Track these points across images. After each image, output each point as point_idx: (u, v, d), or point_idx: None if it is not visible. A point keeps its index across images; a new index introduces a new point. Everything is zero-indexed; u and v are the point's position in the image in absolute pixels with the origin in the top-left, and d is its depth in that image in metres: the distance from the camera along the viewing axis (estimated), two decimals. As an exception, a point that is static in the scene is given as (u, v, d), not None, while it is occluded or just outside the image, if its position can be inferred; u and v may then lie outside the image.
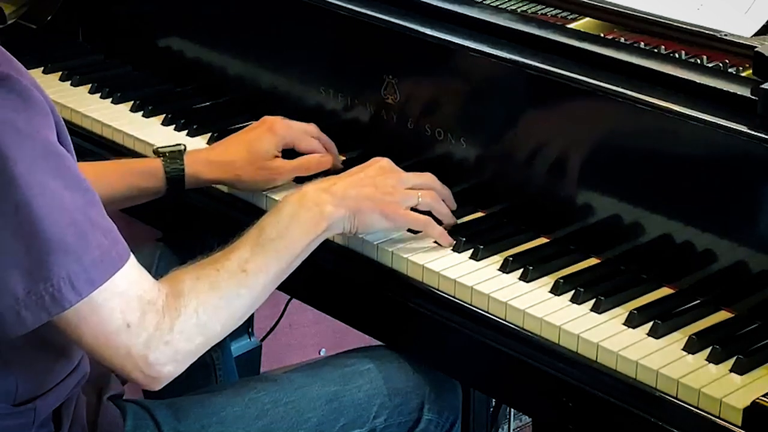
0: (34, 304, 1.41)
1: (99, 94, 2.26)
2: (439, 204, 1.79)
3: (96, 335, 1.47)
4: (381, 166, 1.76)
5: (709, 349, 1.53)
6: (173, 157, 1.89)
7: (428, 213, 1.77)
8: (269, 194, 1.90)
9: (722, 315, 1.62)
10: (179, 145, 1.92)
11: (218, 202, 1.96)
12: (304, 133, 1.94)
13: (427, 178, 1.81)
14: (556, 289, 1.66)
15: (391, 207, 1.73)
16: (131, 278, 1.48)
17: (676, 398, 1.49)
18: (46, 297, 1.42)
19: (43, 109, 1.43)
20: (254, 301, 1.60)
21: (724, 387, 1.47)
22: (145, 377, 1.51)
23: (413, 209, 1.76)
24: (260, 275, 1.59)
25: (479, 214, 1.86)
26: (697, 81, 1.66)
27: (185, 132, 2.11)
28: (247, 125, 2.10)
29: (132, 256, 1.49)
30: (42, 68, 2.34)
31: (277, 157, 1.90)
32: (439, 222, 1.78)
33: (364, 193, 1.71)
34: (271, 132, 1.91)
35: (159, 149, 1.91)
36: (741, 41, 1.72)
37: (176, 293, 1.52)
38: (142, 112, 2.19)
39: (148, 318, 1.48)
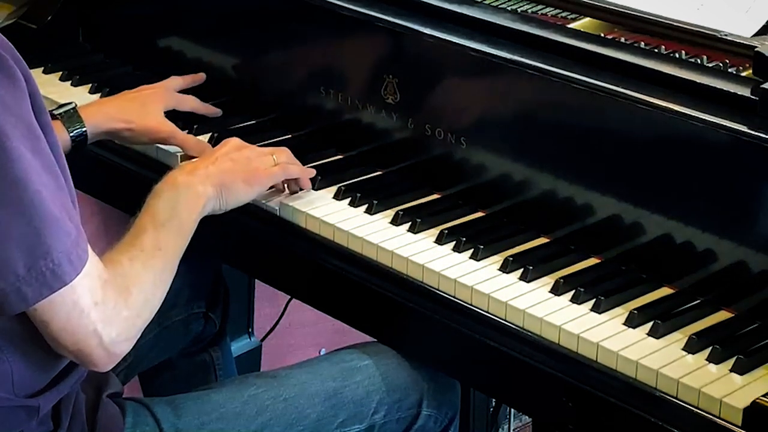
0: (35, 280, 1.45)
1: (99, 94, 2.26)
2: (293, 159, 1.89)
3: (69, 314, 1.50)
4: (232, 144, 1.86)
5: (709, 349, 1.53)
6: (70, 116, 1.96)
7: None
8: None
9: (722, 315, 1.62)
10: (70, 103, 1.98)
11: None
12: (173, 89, 2.11)
13: (279, 149, 1.90)
14: (556, 289, 1.66)
15: (251, 174, 1.83)
16: (92, 259, 1.53)
17: (676, 398, 1.49)
18: (47, 273, 1.45)
19: (22, 87, 1.46)
20: (172, 275, 1.67)
21: (724, 387, 1.47)
22: (106, 355, 1.55)
23: None
24: (172, 250, 1.68)
25: (479, 214, 1.86)
26: (697, 81, 1.66)
27: (185, 132, 2.11)
28: (247, 125, 2.12)
29: None
30: (42, 68, 2.34)
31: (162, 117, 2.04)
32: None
33: (223, 168, 1.80)
34: (157, 94, 2.06)
35: (53, 111, 1.95)
36: (741, 41, 1.72)
37: (120, 274, 1.58)
38: (142, 111, 2.19)
39: (108, 296, 1.54)
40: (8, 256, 1.43)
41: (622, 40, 1.83)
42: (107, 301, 1.53)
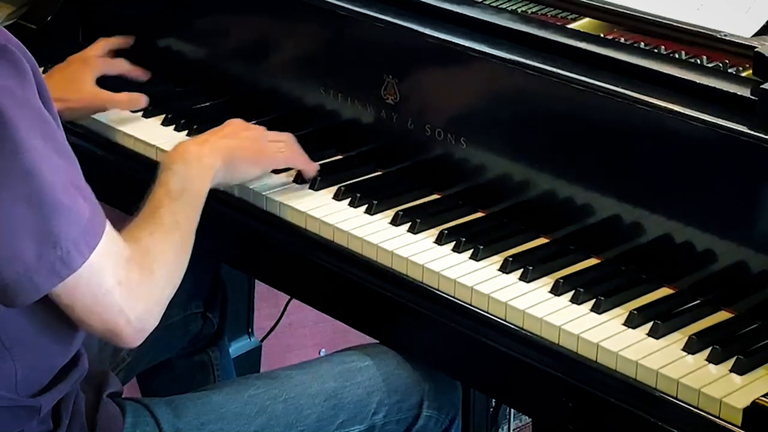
0: (45, 269, 1.46)
1: (99, 94, 2.26)
2: (298, 147, 1.92)
3: (94, 296, 1.51)
4: (238, 124, 1.90)
5: (709, 349, 1.53)
6: None
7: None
8: None
9: (722, 315, 1.62)
10: None
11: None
12: (99, 55, 2.18)
13: (285, 135, 1.93)
14: (556, 289, 1.66)
15: (258, 153, 1.87)
16: (113, 238, 1.54)
17: (676, 398, 1.49)
18: (56, 261, 1.46)
19: (30, 77, 1.47)
20: (190, 248, 1.69)
21: (724, 387, 1.47)
22: (134, 332, 1.57)
23: None
24: (189, 223, 1.70)
25: (479, 214, 1.86)
26: (697, 81, 1.66)
27: (185, 132, 2.11)
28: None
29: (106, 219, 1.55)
30: (42, 68, 2.32)
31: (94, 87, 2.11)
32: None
33: (231, 145, 1.84)
34: (86, 64, 2.13)
35: None
36: (741, 41, 1.72)
37: (141, 250, 1.59)
38: (142, 112, 2.19)
39: (131, 274, 1.55)
40: (19, 247, 1.44)
41: (622, 40, 1.83)
42: (131, 278, 1.54)
